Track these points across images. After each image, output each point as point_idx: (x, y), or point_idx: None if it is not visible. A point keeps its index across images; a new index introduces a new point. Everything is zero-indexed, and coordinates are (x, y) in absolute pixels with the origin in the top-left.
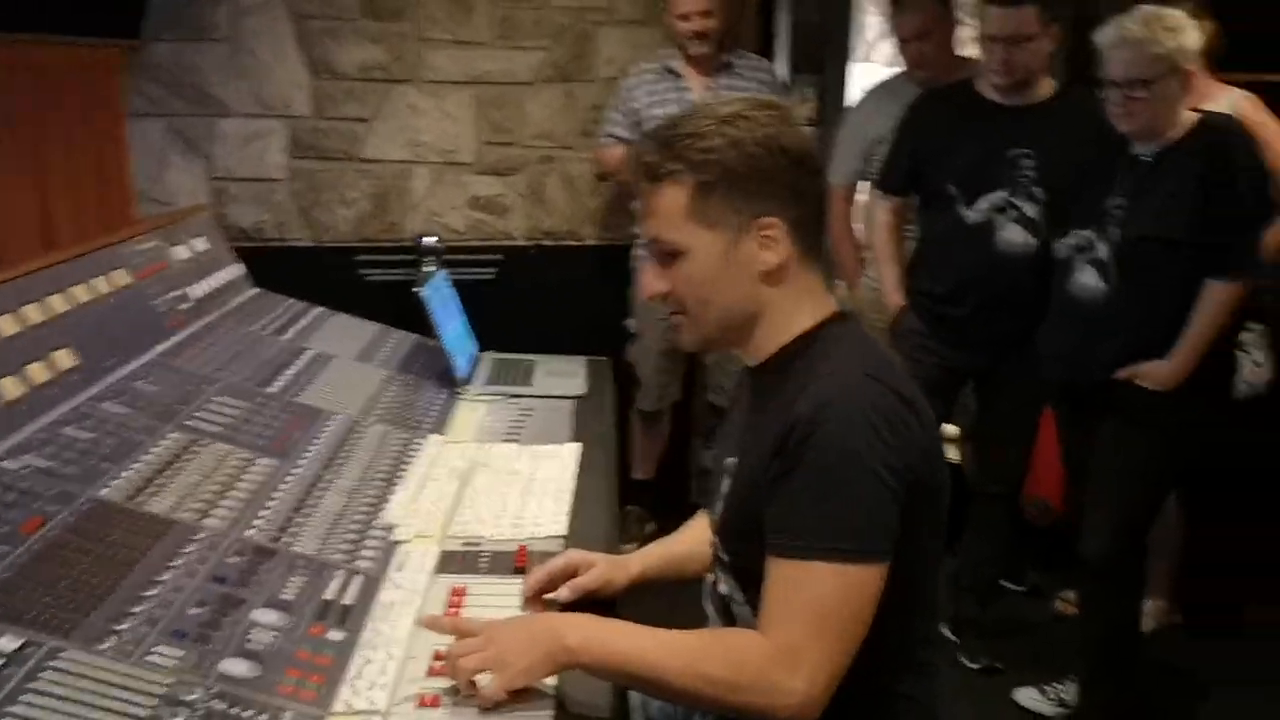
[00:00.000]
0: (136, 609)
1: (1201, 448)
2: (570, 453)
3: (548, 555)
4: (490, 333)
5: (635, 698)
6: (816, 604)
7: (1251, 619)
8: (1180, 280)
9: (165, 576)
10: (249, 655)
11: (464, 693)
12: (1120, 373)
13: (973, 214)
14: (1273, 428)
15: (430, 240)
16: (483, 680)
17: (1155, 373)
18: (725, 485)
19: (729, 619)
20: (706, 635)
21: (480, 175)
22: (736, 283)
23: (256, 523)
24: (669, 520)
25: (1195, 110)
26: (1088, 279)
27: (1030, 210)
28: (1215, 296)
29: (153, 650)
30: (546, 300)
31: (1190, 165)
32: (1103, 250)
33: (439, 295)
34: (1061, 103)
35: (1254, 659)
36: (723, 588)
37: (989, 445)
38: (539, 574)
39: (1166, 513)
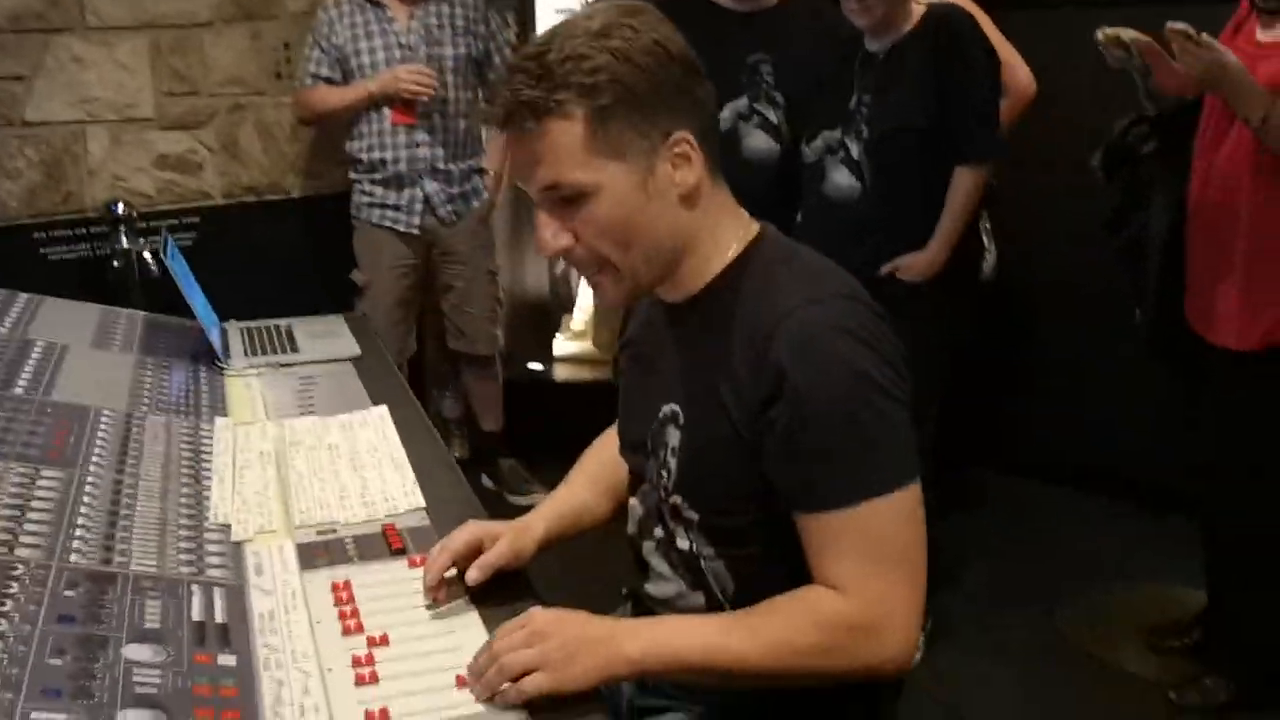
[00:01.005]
0: None
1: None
2: (380, 416)
3: (420, 531)
4: None
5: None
6: (882, 544)
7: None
8: (931, 170)
9: (1, 627)
10: (146, 702)
11: (500, 689)
12: (883, 268)
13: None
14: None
15: (120, 208)
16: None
17: (915, 264)
18: (673, 437)
19: (697, 575)
20: (780, 608)
21: (165, 131)
22: (658, 214)
23: (75, 544)
24: None
25: (919, 3)
26: (841, 179)
27: (773, 116)
28: (964, 183)
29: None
30: (255, 262)
31: (923, 53)
32: (854, 149)
33: (180, 265)
34: (791, 7)
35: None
36: (684, 544)
37: None
38: (442, 558)
39: None
